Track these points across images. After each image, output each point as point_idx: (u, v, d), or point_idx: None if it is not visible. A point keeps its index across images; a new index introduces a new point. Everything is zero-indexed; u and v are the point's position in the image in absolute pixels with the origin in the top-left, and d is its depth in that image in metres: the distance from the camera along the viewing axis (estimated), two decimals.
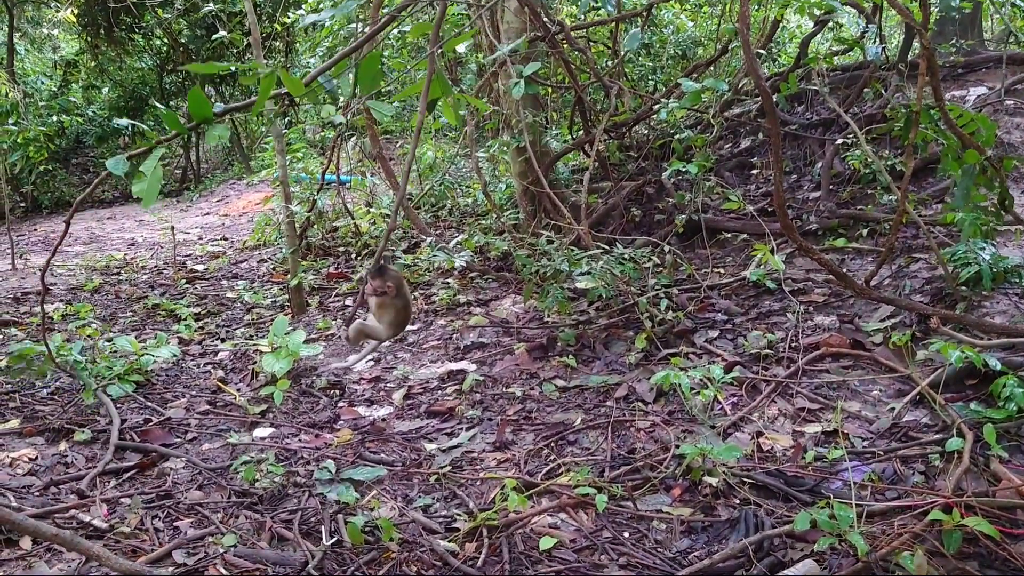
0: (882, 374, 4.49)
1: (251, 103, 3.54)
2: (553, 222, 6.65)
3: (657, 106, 6.65)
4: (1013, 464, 3.50)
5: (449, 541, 3.39)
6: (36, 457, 4.29)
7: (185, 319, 6.93)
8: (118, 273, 9.06)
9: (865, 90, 7.18)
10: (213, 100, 3.13)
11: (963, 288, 4.86)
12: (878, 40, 7.20)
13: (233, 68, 3.54)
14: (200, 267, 9.20)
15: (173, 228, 9.62)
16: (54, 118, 12.81)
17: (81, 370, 4.94)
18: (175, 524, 3.63)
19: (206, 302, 7.63)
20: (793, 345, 4.89)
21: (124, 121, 3.34)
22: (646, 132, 8.27)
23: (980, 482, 3.42)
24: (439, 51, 3.56)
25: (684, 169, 6.04)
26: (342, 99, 3.38)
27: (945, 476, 3.48)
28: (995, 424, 3.59)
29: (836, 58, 8.42)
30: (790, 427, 4.14)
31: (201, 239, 11.39)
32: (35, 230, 13.03)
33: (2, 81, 9.78)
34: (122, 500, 3.83)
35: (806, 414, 4.22)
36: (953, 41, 8.31)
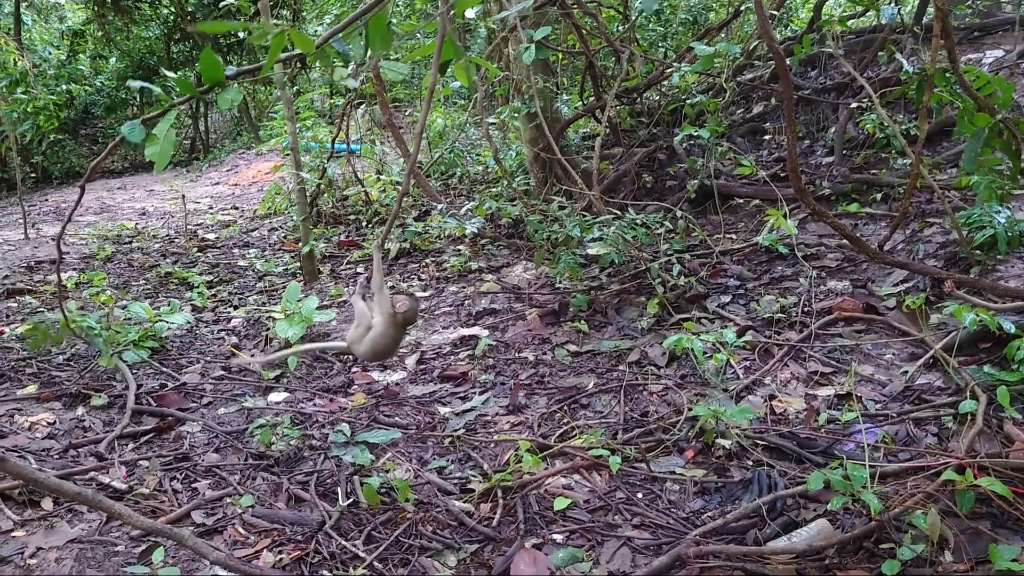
0: (895, 338, 4.48)
1: (263, 65, 3.53)
2: (565, 188, 6.62)
3: (670, 70, 6.58)
4: None
5: (464, 502, 3.43)
6: (54, 421, 4.34)
7: (198, 287, 6.96)
8: (130, 242, 9.10)
9: (879, 53, 7.09)
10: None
11: (977, 252, 4.83)
12: (893, 2, 7.10)
13: (242, 33, 3.53)
14: (211, 236, 9.23)
15: (184, 197, 9.63)
16: (63, 87, 12.78)
17: (95, 336, 4.97)
18: (193, 486, 3.68)
19: (218, 270, 7.65)
20: (806, 309, 4.89)
21: (137, 83, 3.33)
22: (657, 98, 8.19)
23: (993, 444, 3.42)
24: (449, 14, 3.53)
25: (696, 134, 6.00)
26: (353, 62, 3.35)
27: (958, 438, 3.48)
28: (1009, 387, 3.58)
29: (850, 21, 8.31)
30: (803, 390, 4.14)
31: (211, 208, 11.41)
32: (46, 200, 13.06)
33: (10, 50, 9.75)
34: (140, 463, 3.88)
35: (819, 377, 4.23)
36: (968, 3, 8.18)
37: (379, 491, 3.43)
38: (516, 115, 6.91)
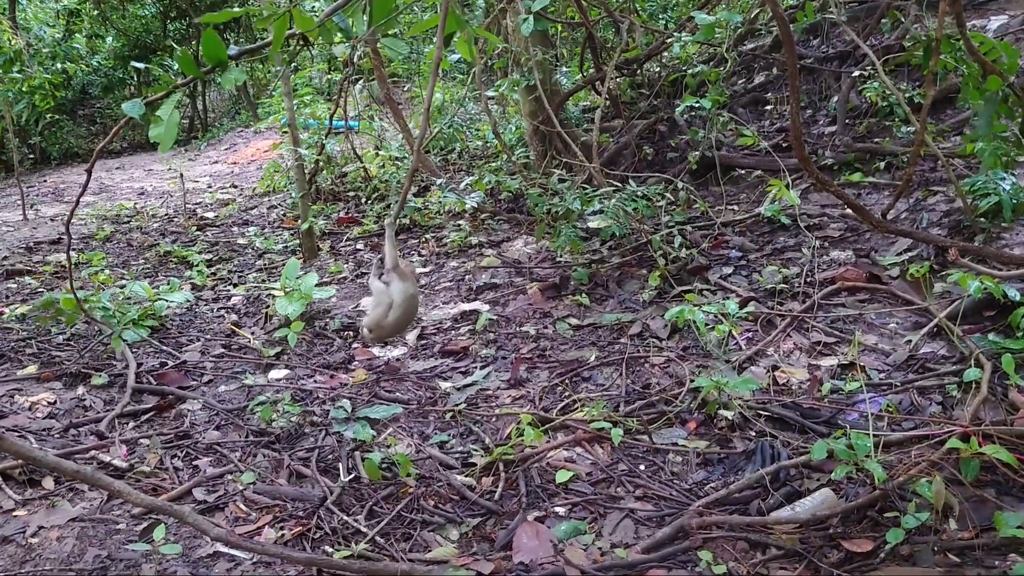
0: (899, 307, 4.45)
1: (266, 44, 3.49)
2: (566, 161, 6.56)
3: (671, 40, 6.50)
4: None
5: (466, 476, 3.42)
6: (55, 401, 4.33)
7: (197, 265, 6.93)
8: (129, 222, 9.05)
9: (883, 20, 7.00)
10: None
11: (982, 220, 4.78)
12: None
13: (242, 16, 3.47)
14: (210, 214, 9.18)
15: (182, 176, 9.57)
16: (59, 66, 12.65)
17: (110, 318, 4.94)
18: (194, 463, 3.68)
19: (217, 249, 7.62)
20: (808, 280, 4.85)
21: (140, 64, 3.30)
22: (658, 69, 8.10)
23: (998, 411, 3.40)
24: None
25: (697, 104, 5.92)
26: (354, 36, 3.30)
27: (963, 406, 3.46)
28: (1013, 354, 3.55)
29: None
30: (806, 361, 4.12)
31: (210, 187, 11.35)
32: (44, 181, 12.99)
33: (4, 29, 9.65)
34: (141, 441, 3.87)
35: (822, 348, 4.20)
36: None
37: (380, 466, 3.42)
38: (515, 88, 6.83)
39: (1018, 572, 2.56)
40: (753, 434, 3.53)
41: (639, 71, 7.90)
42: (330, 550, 2.96)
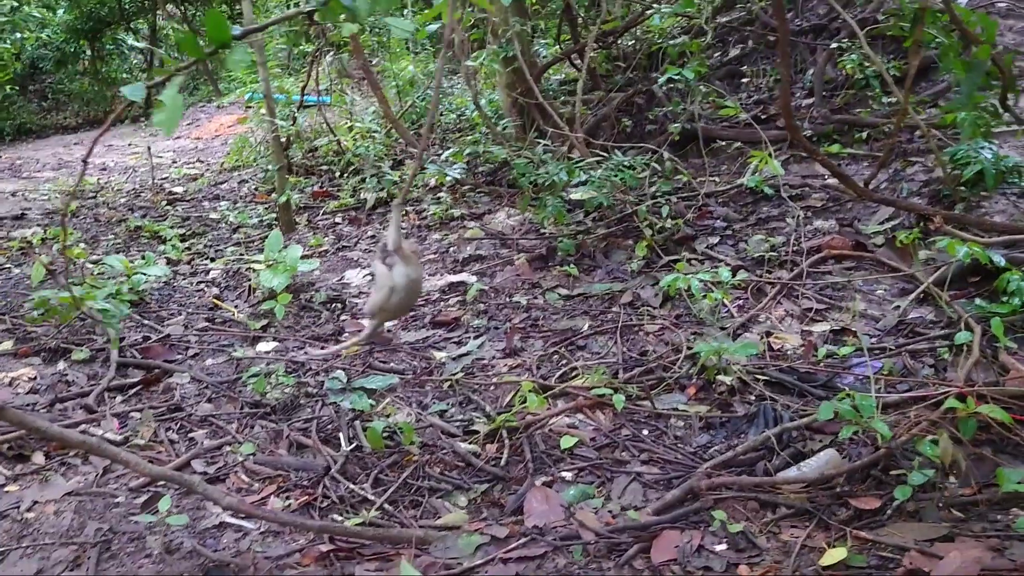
0: (885, 274, 4.52)
1: (277, 20, 3.42)
2: (550, 130, 6.51)
3: (649, 12, 6.48)
4: (1021, 355, 3.56)
5: (470, 443, 3.40)
6: (35, 377, 4.22)
7: (170, 240, 6.78)
8: (94, 197, 8.82)
9: None
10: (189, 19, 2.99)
11: (962, 189, 4.86)
12: None
13: None
14: (179, 189, 8.97)
15: (150, 149, 9.34)
16: (17, 35, 12.20)
17: (110, 318, 4.77)
18: (190, 436, 3.62)
19: (190, 223, 7.46)
20: (795, 248, 4.89)
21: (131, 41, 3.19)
22: (632, 42, 8.09)
23: (989, 373, 3.48)
24: None
25: (679, 76, 5.92)
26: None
27: (955, 369, 3.53)
28: (1001, 318, 3.63)
29: None
30: (798, 327, 4.16)
31: (175, 162, 11.09)
32: (0, 157, 12.62)
33: None
34: (131, 414, 3.80)
35: (813, 314, 4.25)
36: None
37: (382, 435, 3.38)
38: (495, 60, 6.76)
39: (1021, 526, 2.63)
40: (752, 398, 3.57)
41: (615, 44, 7.89)
42: (339, 518, 2.94)
